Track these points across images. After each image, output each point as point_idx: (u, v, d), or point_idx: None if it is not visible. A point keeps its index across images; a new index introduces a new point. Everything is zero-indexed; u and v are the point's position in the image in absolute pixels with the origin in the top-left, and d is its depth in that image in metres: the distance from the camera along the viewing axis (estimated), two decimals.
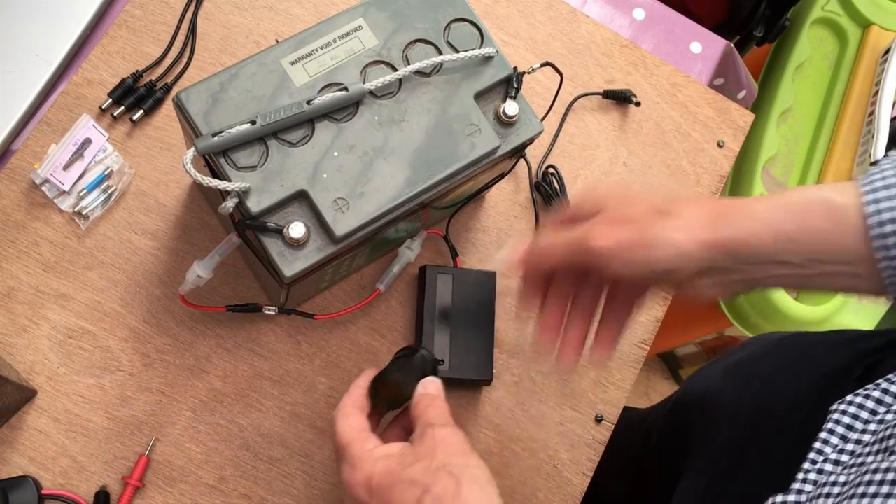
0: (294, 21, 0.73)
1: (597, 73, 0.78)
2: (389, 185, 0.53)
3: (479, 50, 0.56)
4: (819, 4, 1.05)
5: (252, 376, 0.65)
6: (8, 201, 0.65)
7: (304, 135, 0.53)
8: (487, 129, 0.55)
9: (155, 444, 0.62)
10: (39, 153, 0.66)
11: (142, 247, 0.66)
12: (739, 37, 1.13)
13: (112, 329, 0.64)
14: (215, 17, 0.72)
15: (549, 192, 0.73)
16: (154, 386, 0.64)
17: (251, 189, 0.51)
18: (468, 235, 0.71)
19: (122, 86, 0.68)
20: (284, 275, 0.51)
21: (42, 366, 0.63)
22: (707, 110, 0.79)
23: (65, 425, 0.62)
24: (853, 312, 1.00)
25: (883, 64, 0.99)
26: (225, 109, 0.52)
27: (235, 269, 0.66)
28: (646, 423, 0.86)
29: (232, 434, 0.64)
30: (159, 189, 0.68)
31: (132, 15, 0.71)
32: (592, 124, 0.77)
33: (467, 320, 0.66)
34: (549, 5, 0.79)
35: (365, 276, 0.68)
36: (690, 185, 0.76)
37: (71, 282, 0.64)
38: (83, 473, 0.61)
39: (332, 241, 0.52)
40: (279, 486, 0.63)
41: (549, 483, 0.67)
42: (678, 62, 0.82)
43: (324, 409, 0.65)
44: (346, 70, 0.54)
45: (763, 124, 1.00)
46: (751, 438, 0.59)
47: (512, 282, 0.71)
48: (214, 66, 0.71)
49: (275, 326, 0.66)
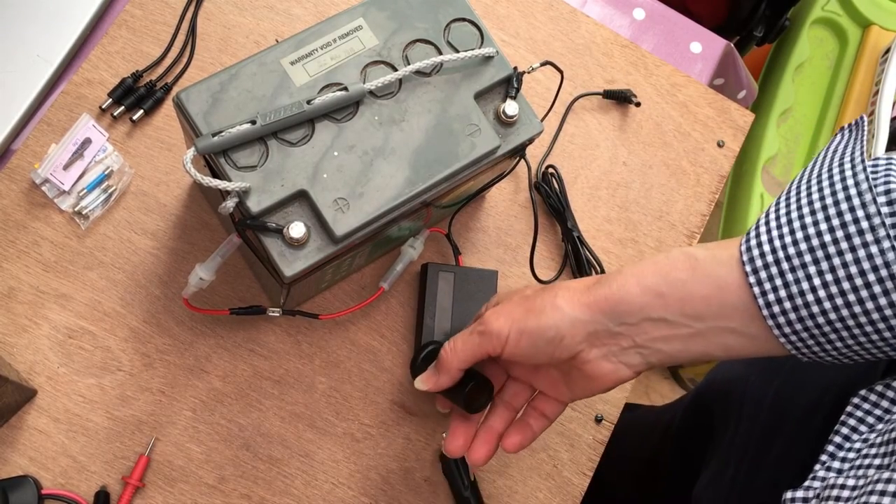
0: (294, 21, 0.73)
1: (597, 73, 0.78)
2: (389, 185, 0.53)
3: (479, 50, 0.56)
4: (819, 4, 1.06)
5: (252, 376, 0.65)
6: (8, 201, 0.65)
7: (304, 135, 0.53)
8: (487, 128, 0.55)
9: (155, 444, 0.62)
10: (39, 153, 0.66)
11: (142, 247, 0.66)
12: (739, 37, 1.13)
13: (112, 329, 0.64)
14: (215, 17, 0.72)
15: (549, 193, 0.73)
16: (154, 386, 0.64)
17: (251, 189, 0.51)
18: (468, 235, 0.71)
19: (122, 86, 0.68)
20: (284, 275, 0.51)
21: (42, 366, 0.63)
22: (707, 110, 0.79)
23: (65, 425, 0.62)
24: None
25: (883, 64, 0.99)
26: (225, 109, 0.52)
27: (236, 270, 0.66)
28: (663, 420, 0.85)
29: (232, 434, 0.64)
30: (159, 189, 0.68)
31: (132, 15, 0.71)
32: (592, 124, 0.77)
33: (469, 318, 0.66)
34: (549, 5, 0.79)
35: (365, 275, 0.68)
36: (690, 185, 0.76)
37: (71, 282, 0.64)
38: (83, 473, 0.61)
39: (332, 241, 0.52)
40: (279, 486, 0.63)
41: (549, 483, 0.67)
42: (678, 62, 0.82)
43: (324, 408, 0.65)
44: (346, 70, 0.54)
45: (763, 124, 1.00)
46: (776, 429, 0.59)
47: (514, 282, 0.71)
48: (214, 66, 0.71)
49: (275, 326, 0.66)
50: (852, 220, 0.41)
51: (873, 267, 0.41)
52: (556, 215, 0.73)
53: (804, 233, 0.43)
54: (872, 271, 0.41)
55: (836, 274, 0.41)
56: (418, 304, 0.68)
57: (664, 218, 0.75)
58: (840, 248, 0.41)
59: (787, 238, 0.43)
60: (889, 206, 0.41)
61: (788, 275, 0.42)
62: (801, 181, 0.46)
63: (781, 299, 0.43)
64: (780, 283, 0.43)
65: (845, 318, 0.42)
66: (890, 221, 0.41)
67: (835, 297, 0.42)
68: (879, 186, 0.42)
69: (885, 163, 0.43)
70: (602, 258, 0.73)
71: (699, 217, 0.76)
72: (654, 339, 0.47)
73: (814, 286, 0.42)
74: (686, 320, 0.46)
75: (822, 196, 0.43)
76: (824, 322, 0.42)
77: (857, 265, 0.41)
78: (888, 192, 0.42)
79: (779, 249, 0.43)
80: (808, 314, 0.42)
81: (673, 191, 0.76)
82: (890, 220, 0.41)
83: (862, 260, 0.41)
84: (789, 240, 0.43)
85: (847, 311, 0.42)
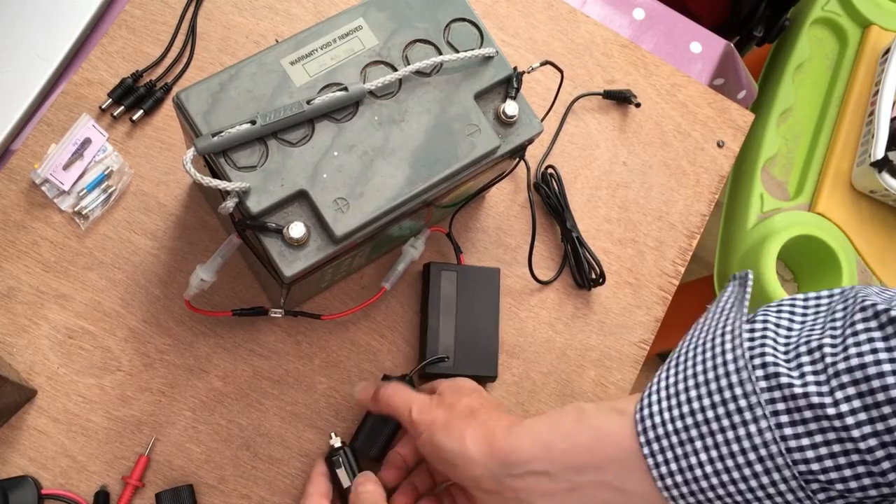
0: (294, 21, 0.73)
1: (597, 73, 0.78)
2: (389, 185, 0.53)
3: (479, 50, 0.56)
4: (819, 4, 1.05)
5: (252, 376, 0.65)
6: (8, 201, 0.65)
7: (304, 135, 0.53)
8: (487, 129, 0.55)
9: (155, 444, 0.62)
10: (39, 153, 0.66)
11: (142, 247, 0.66)
12: (739, 37, 1.13)
13: (112, 329, 0.64)
14: (215, 17, 0.72)
15: (548, 193, 0.73)
16: (154, 386, 0.64)
17: (251, 189, 0.51)
18: (467, 235, 0.71)
19: (122, 86, 0.68)
20: (284, 275, 0.51)
21: (42, 366, 0.63)
22: (707, 110, 0.79)
23: (65, 425, 0.62)
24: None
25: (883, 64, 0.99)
26: (225, 109, 0.51)
27: (236, 269, 0.66)
28: None
29: (232, 434, 0.64)
30: (159, 189, 0.68)
31: (132, 15, 0.71)
32: (592, 124, 0.77)
33: (472, 317, 0.66)
34: (549, 5, 0.79)
35: (365, 275, 0.68)
36: (690, 185, 0.76)
37: (71, 282, 0.64)
38: (83, 473, 0.61)
39: (332, 241, 0.52)
40: (279, 486, 0.63)
41: None
42: (678, 62, 0.82)
43: (324, 408, 0.65)
44: (346, 70, 0.54)
45: (763, 124, 1.00)
46: None
47: (513, 282, 0.71)
48: (214, 66, 0.71)
49: (274, 327, 0.66)
50: (731, 398, 0.42)
51: (753, 446, 0.41)
52: (555, 215, 0.73)
53: (689, 407, 0.44)
54: (752, 450, 0.41)
55: (720, 451, 0.42)
56: (421, 304, 0.68)
57: (664, 218, 0.75)
58: (722, 424, 0.43)
59: (675, 411, 0.44)
60: (766, 381, 0.42)
61: (678, 448, 0.44)
62: (689, 346, 0.47)
63: (673, 472, 0.44)
64: (670, 456, 0.44)
65: (733, 494, 0.43)
66: (766, 397, 0.42)
67: (720, 474, 0.43)
68: (756, 359, 0.43)
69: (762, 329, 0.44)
70: (602, 258, 0.73)
71: (699, 217, 0.76)
72: (533, 492, 0.48)
73: (700, 461, 0.43)
74: (567, 474, 0.47)
75: (704, 370, 0.44)
76: (714, 497, 0.43)
77: (738, 443, 0.42)
78: (764, 365, 0.42)
79: (668, 423, 0.44)
80: (697, 488, 0.43)
81: (673, 191, 0.76)
82: (767, 395, 0.42)
83: (742, 438, 0.42)
84: (676, 413, 0.44)
85: (733, 488, 0.42)
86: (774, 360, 0.42)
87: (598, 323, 0.71)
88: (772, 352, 0.43)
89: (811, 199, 0.98)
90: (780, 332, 0.44)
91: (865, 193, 0.97)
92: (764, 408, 0.41)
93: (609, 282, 0.72)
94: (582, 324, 0.71)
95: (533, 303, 0.71)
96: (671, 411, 0.45)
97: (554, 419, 0.49)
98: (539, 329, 0.70)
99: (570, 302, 0.71)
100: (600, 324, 0.72)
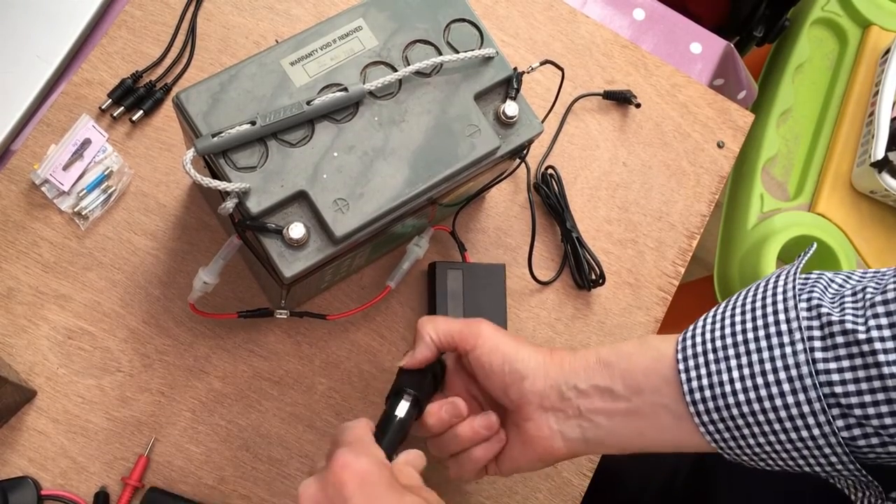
0: (294, 21, 0.73)
1: (597, 73, 0.78)
2: (389, 185, 0.53)
3: (479, 50, 0.56)
4: (819, 4, 1.05)
5: (252, 377, 0.65)
6: (8, 201, 0.65)
7: (304, 135, 0.53)
8: (487, 129, 0.55)
9: (154, 445, 0.62)
10: (39, 153, 0.66)
11: (141, 247, 0.66)
12: (739, 37, 1.13)
13: (112, 329, 0.64)
14: (215, 17, 0.72)
15: (548, 193, 0.73)
16: (153, 386, 0.64)
17: (251, 190, 0.50)
18: (468, 236, 0.71)
19: (122, 86, 0.68)
20: (284, 275, 0.51)
21: (42, 366, 0.62)
22: (707, 110, 0.79)
23: (64, 426, 0.62)
24: None
25: (883, 64, 0.99)
26: (225, 110, 0.51)
27: (236, 270, 0.66)
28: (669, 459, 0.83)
29: (231, 434, 0.64)
30: (159, 189, 0.67)
31: (132, 15, 0.71)
32: (592, 125, 0.76)
33: (479, 314, 0.66)
34: (549, 5, 0.79)
35: (365, 276, 0.68)
36: (690, 186, 0.76)
37: (70, 282, 0.64)
38: (83, 474, 0.61)
39: (332, 241, 0.52)
40: (279, 486, 0.63)
41: (549, 483, 0.67)
42: (678, 62, 0.82)
43: (323, 409, 0.65)
44: (345, 70, 0.54)
45: (763, 124, 1.00)
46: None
47: (513, 282, 0.71)
48: (214, 66, 0.71)
49: (274, 327, 0.66)
50: (774, 322, 0.46)
51: (785, 366, 0.44)
52: (555, 216, 0.73)
53: (731, 329, 0.47)
54: (784, 370, 0.44)
55: (753, 369, 0.45)
56: (428, 304, 0.68)
57: (664, 218, 0.75)
58: (760, 345, 0.45)
59: (717, 332, 0.48)
60: (808, 312, 0.45)
61: (712, 365, 0.47)
62: (745, 291, 0.50)
63: (703, 387, 0.46)
64: (704, 372, 0.47)
65: (756, 413, 0.45)
66: (806, 324, 0.45)
67: (749, 391, 0.45)
68: (803, 296, 0.46)
69: (815, 278, 0.48)
70: (602, 259, 0.73)
71: (699, 217, 0.76)
72: (596, 411, 0.50)
73: (732, 378, 0.46)
74: (628, 393, 0.49)
75: (754, 300, 0.48)
76: (738, 414, 0.45)
77: (771, 362, 0.45)
78: (809, 299, 0.46)
79: (707, 342, 0.48)
80: (724, 404, 0.46)
81: (673, 191, 0.76)
82: (806, 322, 0.45)
83: (776, 358, 0.45)
84: (718, 334, 0.47)
85: (758, 406, 0.45)
86: (820, 300, 0.45)
87: (597, 323, 0.71)
88: (819, 294, 0.46)
89: (811, 200, 0.98)
90: (832, 286, 0.47)
91: (865, 194, 0.97)
92: (803, 332, 0.44)
93: (609, 282, 0.72)
94: (582, 324, 0.71)
95: (533, 303, 0.71)
96: (713, 332, 0.48)
97: (616, 345, 0.52)
98: (539, 329, 0.70)
99: (569, 302, 0.71)
100: (600, 324, 0.71)
